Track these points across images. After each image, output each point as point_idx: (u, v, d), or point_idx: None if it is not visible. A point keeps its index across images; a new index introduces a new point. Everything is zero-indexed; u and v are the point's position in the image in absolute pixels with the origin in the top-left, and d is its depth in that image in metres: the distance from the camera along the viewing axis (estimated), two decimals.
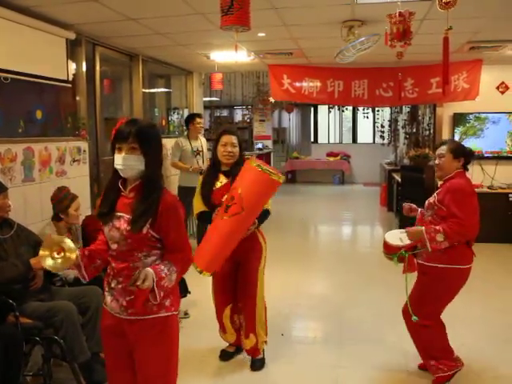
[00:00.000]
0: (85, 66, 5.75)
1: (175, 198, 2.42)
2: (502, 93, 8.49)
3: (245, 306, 3.86)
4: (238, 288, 3.87)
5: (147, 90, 7.88)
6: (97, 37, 6.00)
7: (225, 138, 3.76)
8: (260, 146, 14.74)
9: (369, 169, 15.09)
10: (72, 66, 5.52)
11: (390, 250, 3.52)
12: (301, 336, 4.61)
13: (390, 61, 6.55)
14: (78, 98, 5.70)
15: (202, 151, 7.17)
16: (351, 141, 17.08)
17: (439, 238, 3.26)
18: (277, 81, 8.31)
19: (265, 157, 14.70)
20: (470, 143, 8.20)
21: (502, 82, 8.48)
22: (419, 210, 3.78)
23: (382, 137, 14.33)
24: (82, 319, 3.58)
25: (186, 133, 7.38)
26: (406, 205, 3.91)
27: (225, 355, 4.09)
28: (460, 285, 3.45)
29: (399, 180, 9.31)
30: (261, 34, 5.99)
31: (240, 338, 4.00)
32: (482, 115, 8.18)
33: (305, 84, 8.30)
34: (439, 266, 3.38)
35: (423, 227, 3.36)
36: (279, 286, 5.71)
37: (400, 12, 4.18)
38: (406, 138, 11.54)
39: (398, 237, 3.53)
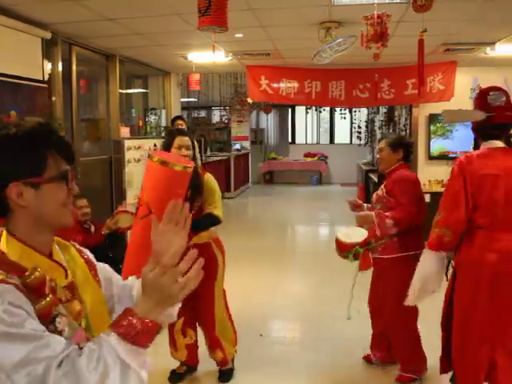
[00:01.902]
0: (61, 66, 5.70)
1: None
2: None
3: (204, 325, 3.62)
4: (193, 306, 3.48)
5: (124, 91, 7.82)
6: (73, 36, 5.94)
7: (178, 141, 3.33)
8: (238, 146, 14.75)
9: (346, 169, 15.20)
10: (48, 66, 5.46)
11: (344, 249, 3.53)
12: (279, 336, 4.62)
13: (367, 62, 6.61)
14: (53, 99, 5.64)
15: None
16: (328, 141, 17.17)
17: (388, 223, 3.38)
18: (254, 82, 8.32)
19: (243, 157, 14.71)
20: (437, 144, 8.47)
21: (479, 85, 8.61)
22: (365, 205, 3.87)
23: (359, 137, 14.46)
24: None
25: None
26: (351, 200, 3.92)
27: (175, 377, 3.71)
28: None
29: (376, 180, 9.40)
30: (238, 35, 5.99)
31: (192, 356, 3.71)
32: None
33: (282, 85, 8.33)
34: (396, 255, 3.45)
35: (373, 212, 3.48)
36: (256, 287, 5.72)
37: (378, 14, 4.23)
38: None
39: (347, 234, 3.59)
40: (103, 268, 1.50)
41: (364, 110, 14.44)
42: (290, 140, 17.34)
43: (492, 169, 2.85)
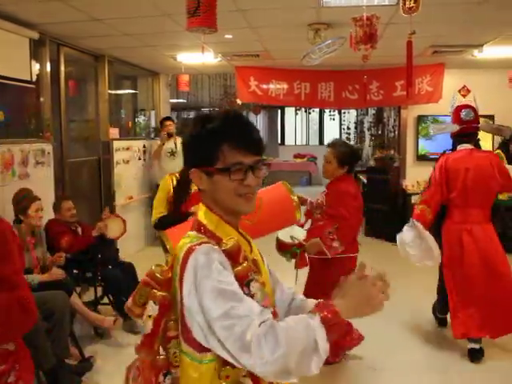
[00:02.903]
0: (49, 66, 5.66)
1: None
2: (464, 96, 8.68)
3: None
4: None
5: (113, 92, 7.79)
6: (61, 37, 5.90)
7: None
8: None
9: None
10: (35, 67, 5.42)
11: (283, 248, 3.75)
12: None
13: (356, 63, 6.64)
14: (42, 99, 5.60)
15: (177, 152, 7.49)
16: (318, 142, 17.20)
17: (335, 244, 3.59)
18: (244, 83, 8.32)
19: None
20: (420, 144, 8.62)
21: (464, 86, 8.67)
22: (308, 199, 4.02)
23: (348, 138, 14.44)
24: (46, 325, 3.51)
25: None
26: (298, 195, 3.96)
27: None
28: (350, 271, 3.52)
29: (365, 181, 9.43)
30: (228, 36, 5.99)
31: None
32: (440, 118, 8.30)
33: (272, 86, 8.34)
34: (329, 257, 3.66)
35: (318, 239, 3.61)
36: None
37: (367, 16, 4.24)
38: (371, 139, 11.70)
39: (290, 235, 3.73)
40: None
41: (353, 112, 14.46)
42: (279, 141, 17.35)
43: (464, 164, 4.06)
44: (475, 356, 3.99)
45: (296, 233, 3.76)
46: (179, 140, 7.68)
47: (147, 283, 1.44)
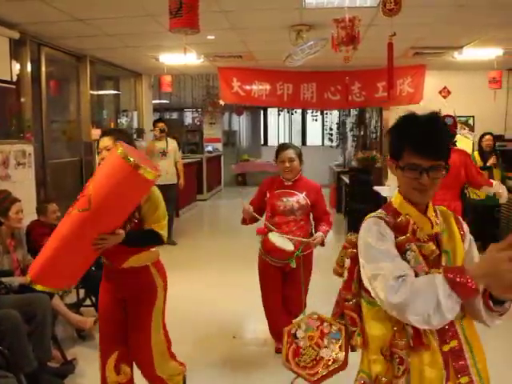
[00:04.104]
0: (29, 66, 5.60)
1: None
2: (445, 97, 8.79)
3: (141, 363, 2.96)
4: (127, 336, 2.91)
5: (95, 92, 7.74)
6: (42, 37, 5.86)
7: (101, 143, 2.83)
8: (210, 148, 14.69)
9: (318, 171, 15.21)
10: (16, 67, 5.37)
11: (287, 256, 3.80)
12: (253, 338, 4.62)
13: (338, 65, 6.68)
14: (22, 100, 5.55)
15: (168, 152, 7.80)
16: (301, 143, 17.25)
17: (329, 233, 4.00)
18: (226, 83, 8.32)
19: (215, 159, 14.68)
20: None
21: (445, 87, 8.78)
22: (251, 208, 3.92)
23: (330, 139, 14.57)
24: (27, 328, 3.48)
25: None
26: (247, 209, 3.93)
27: None
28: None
29: (348, 181, 9.48)
30: (210, 37, 5.99)
31: None
32: None
33: (254, 87, 8.35)
34: (311, 250, 3.99)
35: (321, 233, 3.88)
36: (228, 289, 5.72)
37: (349, 18, 4.28)
38: (353, 140, 11.79)
39: (282, 240, 3.79)
40: (471, 238, 1.87)
41: (335, 113, 14.55)
42: (262, 142, 17.36)
43: None
44: None
45: (286, 242, 3.78)
46: (171, 141, 7.91)
47: (345, 247, 1.88)
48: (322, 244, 3.90)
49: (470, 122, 8.86)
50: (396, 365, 1.66)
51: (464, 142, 6.50)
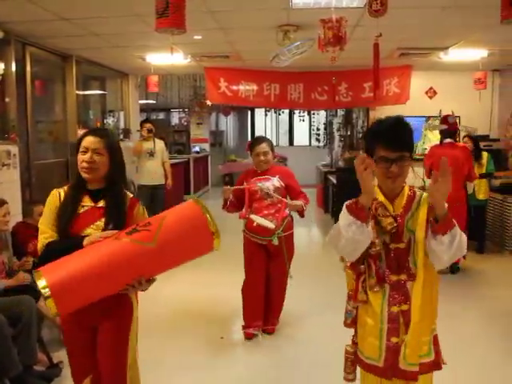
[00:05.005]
0: (14, 66, 5.54)
1: None
2: (430, 98, 8.86)
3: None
4: (99, 362, 2.57)
5: (81, 92, 7.69)
6: (27, 36, 5.80)
7: (85, 142, 2.49)
8: (197, 149, 14.66)
9: (305, 171, 15.24)
10: (0, 66, 5.31)
11: (269, 233, 4.17)
12: (241, 338, 4.61)
13: (325, 65, 6.70)
14: (7, 100, 5.50)
15: (155, 153, 7.77)
16: (288, 144, 17.28)
17: (305, 207, 4.32)
18: (213, 84, 8.31)
19: (202, 159, 14.65)
20: None
21: (431, 88, 8.85)
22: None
23: (317, 139, 14.59)
24: (12, 331, 3.44)
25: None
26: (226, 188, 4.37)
27: None
28: None
29: (335, 182, 9.51)
30: (197, 37, 5.98)
31: None
32: (407, 119, 8.43)
33: (241, 87, 8.34)
34: (291, 231, 4.41)
35: (301, 201, 4.28)
36: (215, 290, 5.71)
37: (336, 18, 4.28)
38: (340, 140, 11.81)
39: (263, 219, 4.19)
40: None
41: (322, 113, 14.58)
42: None
43: (445, 152, 5.59)
44: None
45: (267, 221, 4.17)
46: (158, 141, 7.88)
47: None
48: (302, 215, 4.34)
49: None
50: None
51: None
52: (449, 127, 6.13)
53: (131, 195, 2.60)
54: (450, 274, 6.04)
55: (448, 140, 6.13)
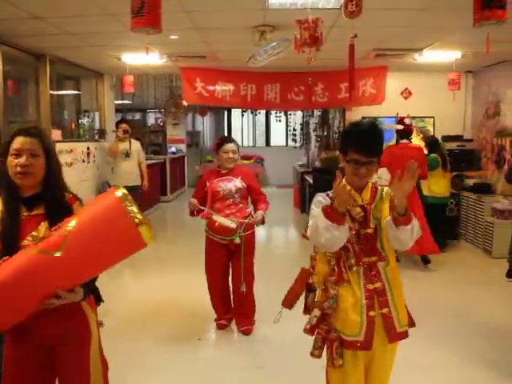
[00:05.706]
0: None
1: None
2: (406, 98, 8.96)
3: None
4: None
5: (55, 92, 7.59)
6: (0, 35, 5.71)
7: (17, 143, 2.19)
8: (173, 149, 14.58)
9: (282, 171, 15.35)
10: None
11: (231, 233, 4.32)
12: (217, 339, 4.60)
13: (301, 66, 6.72)
14: None
15: (131, 153, 7.73)
16: (265, 144, 17.31)
17: (265, 214, 4.45)
18: (190, 84, 8.28)
19: (179, 160, 14.58)
20: None
21: (406, 88, 8.95)
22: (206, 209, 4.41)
23: (294, 140, 14.66)
24: None
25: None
26: (192, 201, 4.44)
27: None
28: None
29: (311, 182, 9.55)
30: (173, 37, 5.95)
31: None
32: (382, 119, 8.46)
33: (218, 87, 8.33)
34: (252, 231, 4.52)
35: (260, 212, 4.40)
36: (192, 291, 5.69)
37: (312, 19, 4.30)
38: (317, 141, 11.87)
39: (224, 219, 4.34)
40: None
41: (299, 113, 14.65)
42: None
43: (402, 152, 6.14)
44: None
45: (230, 221, 4.32)
46: (134, 142, 7.86)
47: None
48: (263, 222, 4.44)
49: (430, 124, 9.05)
50: (324, 293, 2.41)
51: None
52: (405, 128, 6.49)
53: (70, 195, 2.31)
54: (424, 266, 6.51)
55: (404, 141, 6.49)
